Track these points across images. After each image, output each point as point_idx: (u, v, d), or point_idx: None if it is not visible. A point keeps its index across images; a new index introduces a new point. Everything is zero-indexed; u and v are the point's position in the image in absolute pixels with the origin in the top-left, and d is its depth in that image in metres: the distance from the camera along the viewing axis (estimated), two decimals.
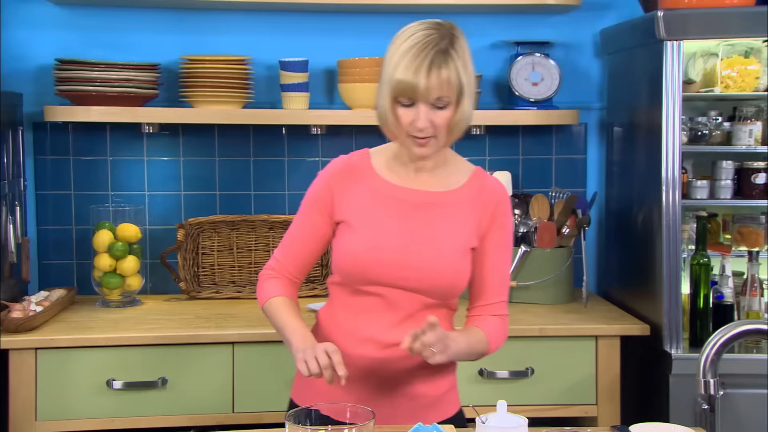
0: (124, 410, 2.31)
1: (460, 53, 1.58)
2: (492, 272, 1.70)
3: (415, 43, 1.57)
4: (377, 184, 1.68)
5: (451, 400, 1.76)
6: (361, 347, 1.67)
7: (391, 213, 1.66)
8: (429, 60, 1.55)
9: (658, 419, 2.35)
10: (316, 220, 1.72)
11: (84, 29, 2.78)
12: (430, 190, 1.68)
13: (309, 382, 1.72)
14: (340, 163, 1.73)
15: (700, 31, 2.39)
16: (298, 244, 1.74)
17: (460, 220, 1.67)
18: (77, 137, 2.80)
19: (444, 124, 1.59)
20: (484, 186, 1.70)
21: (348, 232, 1.67)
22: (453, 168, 1.71)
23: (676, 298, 2.40)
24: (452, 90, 1.57)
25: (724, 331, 1.16)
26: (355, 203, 1.68)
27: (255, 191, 2.88)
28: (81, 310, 2.58)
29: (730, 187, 2.55)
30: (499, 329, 1.72)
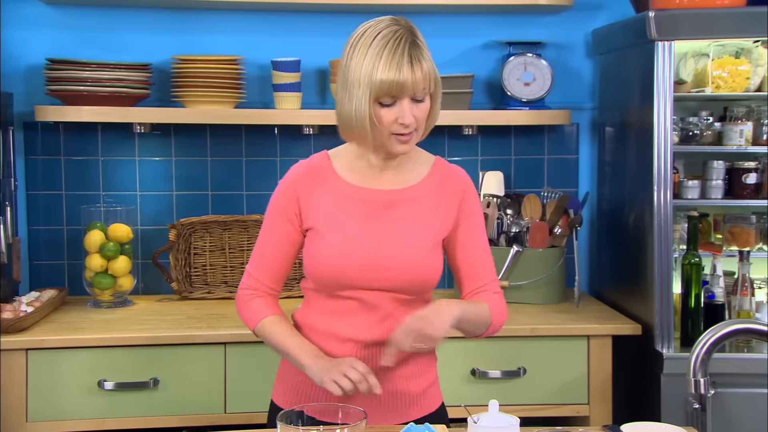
0: (116, 411, 2.31)
1: (425, 44, 1.59)
2: (475, 256, 1.70)
3: (386, 41, 1.56)
4: (340, 187, 1.67)
5: (433, 396, 1.76)
6: (342, 348, 1.66)
7: (356, 216, 1.65)
8: (407, 54, 1.55)
9: (650, 419, 2.35)
10: (285, 228, 1.69)
11: (75, 29, 2.77)
12: (393, 188, 1.67)
13: (290, 383, 1.73)
14: (302, 167, 1.71)
15: (691, 32, 2.39)
16: (270, 256, 1.71)
17: (426, 213, 1.67)
18: (68, 137, 2.79)
19: (424, 116, 1.60)
20: (447, 176, 1.71)
21: (316, 239, 1.66)
22: (415, 162, 1.71)
23: (668, 297, 2.40)
24: (430, 81, 1.57)
25: (714, 330, 1.17)
26: (320, 208, 1.67)
27: (247, 191, 2.87)
28: (72, 311, 2.57)
29: (721, 187, 2.56)
30: (499, 303, 1.71)
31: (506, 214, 2.75)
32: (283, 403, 1.74)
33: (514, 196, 2.82)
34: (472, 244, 1.70)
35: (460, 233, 1.69)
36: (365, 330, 1.66)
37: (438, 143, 2.85)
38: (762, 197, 2.55)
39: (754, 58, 2.51)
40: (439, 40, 2.88)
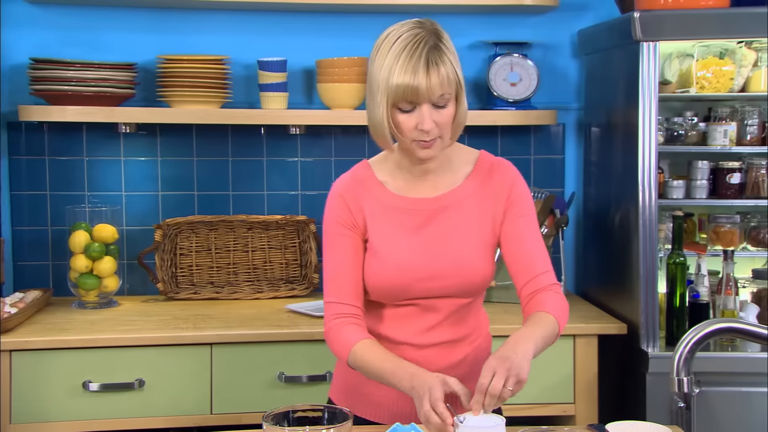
0: (101, 412, 2.29)
1: (449, 47, 1.55)
2: (524, 247, 1.63)
3: (405, 45, 1.52)
4: (386, 199, 1.64)
5: None
6: (397, 351, 1.65)
7: (408, 227, 1.62)
8: (425, 58, 1.50)
9: (635, 417, 2.36)
10: (347, 239, 1.64)
11: (59, 28, 2.75)
12: (438, 194, 1.64)
13: (347, 381, 1.71)
14: (346, 179, 1.68)
15: (675, 32, 2.41)
16: (343, 274, 1.63)
17: (475, 214, 1.63)
18: (53, 137, 2.77)
19: (447, 122, 1.55)
20: (492, 171, 1.66)
21: (371, 256, 1.63)
22: (456, 160, 1.67)
23: (653, 297, 2.42)
24: (452, 86, 1.53)
25: (697, 330, 1.18)
26: (371, 220, 1.64)
27: (233, 191, 2.86)
28: (57, 312, 2.56)
29: (706, 186, 2.58)
30: (558, 302, 1.62)
31: None
32: (338, 399, 1.73)
33: None
34: (521, 236, 1.63)
35: (507, 225, 1.64)
36: (420, 333, 1.65)
37: None
38: (746, 197, 2.57)
39: (737, 59, 2.52)
40: None
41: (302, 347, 2.35)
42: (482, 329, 1.76)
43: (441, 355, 1.66)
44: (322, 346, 2.34)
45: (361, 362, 1.60)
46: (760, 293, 2.56)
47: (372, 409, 1.70)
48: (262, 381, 2.35)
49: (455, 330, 1.68)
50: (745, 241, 2.62)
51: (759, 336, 1.20)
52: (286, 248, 2.85)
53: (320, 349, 2.35)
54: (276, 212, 2.86)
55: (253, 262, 2.83)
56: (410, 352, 1.66)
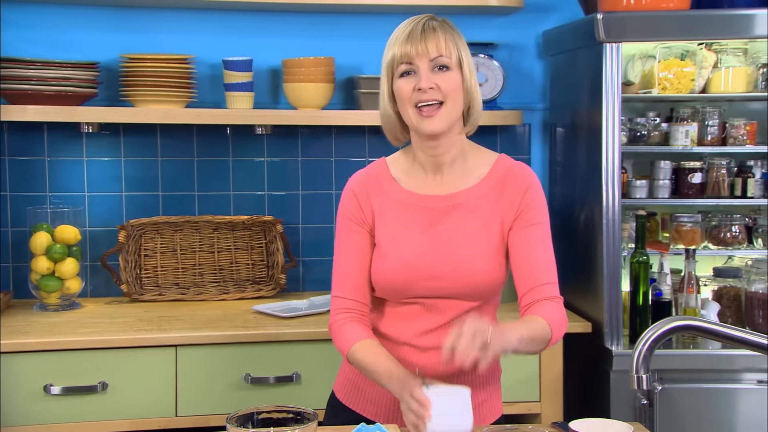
0: (63, 416, 2.26)
1: (454, 28, 1.59)
2: (531, 255, 1.59)
3: (406, 23, 1.59)
4: (399, 195, 1.63)
5: (491, 408, 1.70)
6: (398, 352, 1.64)
7: (417, 224, 1.61)
8: (421, 26, 1.55)
9: (600, 415, 2.39)
10: (357, 235, 1.64)
11: (20, 26, 2.70)
12: (452, 192, 1.62)
13: (352, 379, 1.71)
14: (360, 175, 1.68)
15: (638, 34, 2.44)
16: (352, 269, 1.64)
17: (487, 216, 1.61)
18: (13, 137, 2.72)
19: (450, 88, 1.54)
20: (509, 174, 1.63)
21: (378, 252, 1.63)
22: (473, 160, 1.64)
23: (617, 295, 2.44)
24: (450, 52, 1.55)
25: (655, 328, 1.19)
26: (380, 216, 1.63)
27: (199, 192, 2.84)
28: (17, 314, 2.51)
29: (668, 186, 2.61)
30: (557, 313, 1.58)
31: None
32: (341, 394, 1.73)
33: None
34: (529, 244, 1.59)
35: (517, 231, 1.60)
36: (422, 334, 1.63)
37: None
38: (707, 196, 2.61)
39: (698, 60, 2.56)
40: None
41: (269, 348, 2.34)
42: None
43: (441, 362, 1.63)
44: (288, 347, 2.34)
45: (360, 362, 1.61)
46: (721, 291, 2.60)
47: (372, 406, 1.68)
48: (229, 383, 2.33)
49: None
50: (706, 239, 2.67)
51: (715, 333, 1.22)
52: (252, 249, 2.83)
53: (287, 350, 2.34)
54: (242, 213, 2.84)
55: (219, 263, 2.81)
56: (411, 354, 1.64)
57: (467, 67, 1.57)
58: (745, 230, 2.66)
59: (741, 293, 2.56)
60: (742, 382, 2.39)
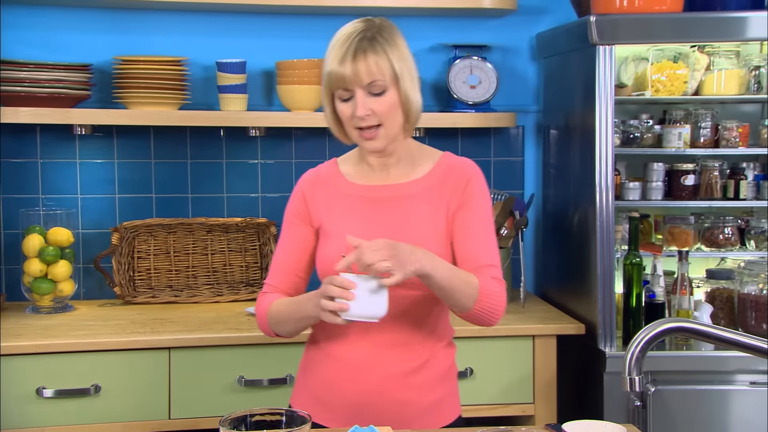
0: (56, 419, 2.25)
1: (388, 39, 1.59)
2: (472, 239, 1.63)
3: (341, 37, 1.60)
4: (347, 188, 1.69)
5: (449, 408, 1.71)
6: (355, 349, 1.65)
7: (361, 214, 1.66)
8: (354, 47, 1.57)
9: (593, 416, 2.39)
10: (298, 231, 1.71)
11: (12, 28, 2.69)
12: (398, 182, 1.68)
13: (306, 387, 1.72)
14: (310, 173, 1.76)
15: (631, 36, 2.45)
16: (285, 261, 1.72)
17: (431, 207, 1.65)
18: (5, 139, 2.71)
19: (386, 110, 1.59)
20: (452, 168, 1.69)
21: (323, 240, 1.68)
22: (418, 158, 1.71)
23: (610, 297, 2.45)
24: (384, 74, 1.57)
25: (647, 329, 1.19)
26: (326, 208, 1.69)
27: (192, 194, 2.84)
28: (10, 317, 2.50)
29: (661, 188, 2.62)
30: (494, 285, 1.60)
31: None
32: (298, 406, 1.73)
33: None
34: (470, 228, 1.64)
35: (459, 219, 1.65)
36: (378, 331, 1.63)
37: None
38: (700, 198, 2.62)
39: (691, 63, 2.57)
40: None
41: (262, 351, 2.34)
42: (443, 334, 1.73)
43: (395, 357, 1.65)
44: (282, 350, 2.34)
45: (277, 316, 1.67)
46: (714, 293, 2.61)
47: (329, 414, 1.69)
48: (222, 385, 2.33)
49: (407, 329, 1.66)
50: (699, 241, 2.67)
51: (707, 335, 1.22)
52: (246, 251, 2.83)
53: (281, 352, 2.34)
54: (236, 215, 2.83)
55: (213, 265, 2.80)
56: (363, 350, 1.64)
57: (404, 78, 1.59)
58: (737, 232, 2.66)
59: (734, 295, 2.56)
60: (735, 384, 2.40)
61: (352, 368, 1.65)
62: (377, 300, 1.51)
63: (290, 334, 1.71)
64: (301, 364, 1.77)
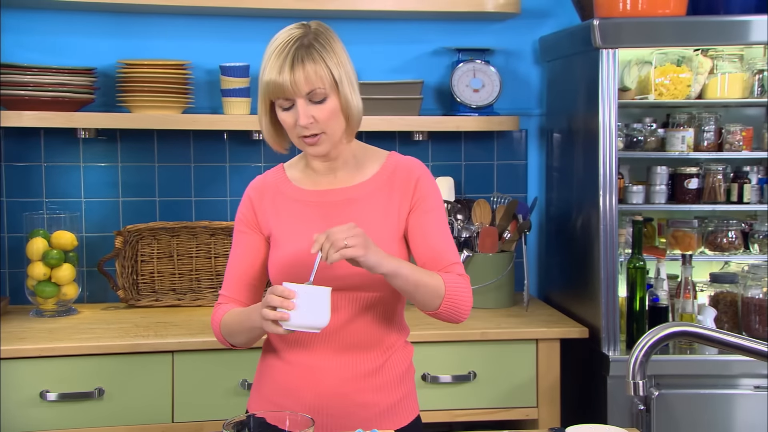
0: (59, 422, 2.25)
1: (325, 46, 1.58)
2: (432, 240, 1.65)
3: (277, 45, 1.59)
4: (293, 193, 1.69)
5: (407, 408, 1.72)
6: (313, 356, 1.65)
7: (311, 218, 1.66)
8: (291, 56, 1.56)
9: (597, 420, 2.39)
10: (248, 239, 1.71)
11: (16, 32, 2.70)
12: (346, 186, 1.68)
13: (262, 392, 1.71)
14: (257, 181, 1.75)
15: (634, 40, 2.45)
16: (236, 270, 1.72)
17: (381, 208, 1.66)
18: (9, 142, 2.72)
19: (327, 117, 1.58)
20: (399, 168, 1.69)
21: (274, 247, 1.68)
22: (364, 160, 1.71)
23: (614, 301, 2.44)
24: (323, 81, 1.56)
25: (651, 334, 1.19)
26: (275, 215, 1.68)
27: (196, 197, 2.84)
28: (13, 320, 2.51)
29: (665, 192, 2.62)
30: (459, 282, 1.62)
31: (456, 219, 2.77)
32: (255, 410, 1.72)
33: (465, 201, 2.84)
34: (428, 228, 1.66)
35: (414, 219, 1.66)
36: (334, 334, 1.63)
37: (389, 148, 2.83)
38: (703, 202, 2.62)
39: (694, 66, 2.57)
40: (389, 46, 2.90)
41: None
42: (400, 334, 1.73)
43: (354, 359, 1.65)
44: None
45: (228, 327, 1.67)
46: (717, 297, 2.60)
47: None
48: (225, 389, 2.33)
49: (365, 331, 1.65)
50: (703, 245, 2.67)
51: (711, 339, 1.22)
52: None
53: None
54: None
55: (216, 269, 2.80)
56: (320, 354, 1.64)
57: (343, 83, 1.59)
58: (741, 236, 2.66)
59: (737, 299, 2.56)
60: (739, 388, 2.39)
61: (309, 372, 1.65)
62: (319, 309, 1.50)
63: (245, 345, 1.71)
64: (258, 369, 1.76)
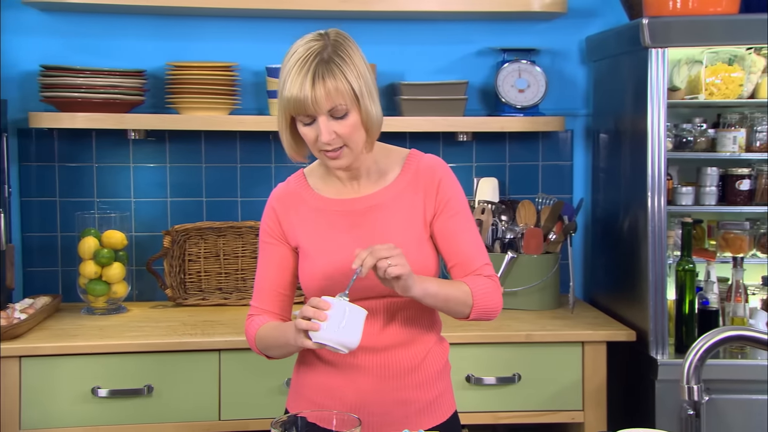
0: (109, 418, 2.30)
1: (345, 58, 1.56)
2: (460, 243, 1.65)
3: (298, 59, 1.55)
4: (317, 203, 1.68)
5: (445, 404, 1.73)
6: (348, 355, 1.65)
7: (338, 228, 1.65)
8: (311, 73, 1.52)
9: (644, 425, 2.36)
10: (275, 250, 1.70)
11: (69, 35, 2.77)
12: (368, 193, 1.67)
13: (301, 392, 1.72)
14: (279, 189, 1.74)
15: (684, 39, 2.41)
16: (266, 281, 1.72)
17: (406, 212, 1.65)
18: (62, 144, 2.78)
19: (349, 132, 1.56)
20: (420, 169, 1.68)
21: (304, 259, 1.68)
22: (385, 163, 1.69)
23: (662, 303, 2.41)
24: (344, 97, 1.54)
25: (707, 337, 1.17)
26: (301, 226, 1.68)
27: (241, 198, 2.87)
28: (66, 318, 2.57)
29: (715, 193, 2.57)
30: (488, 286, 1.64)
31: (501, 220, 2.76)
32: (293, 409, 1.73)
33: (509, 202, 2.82)
34: (456, 232, 1.66)
35: (441, 223, 1.66)
36: (369, 337, 1.63)
37: (433, 149, 2.85)
38: (755, 203, 2.57)
39: (747, 65, 2.52)
40: (434, 47, 2.90)
41: None
42: (434, 332, 1.73)
43: (393, 357, 1.65)
44: None
45: (263, 341, 1.68)
46: None
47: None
48: (271, 387, 2.35)
49: (403, 329, 1.66)
50: (754, 247, 2.61)
51: None
52: None
53: None
54: None
55: None
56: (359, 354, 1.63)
57: (363, 96, 1.56)
58: None
59: None
60: None
61: (350, 372, 1.65)
62: (351, 328, 1.48)
63: (281, 357, 1.71)
64: (296, 369, 1.76)
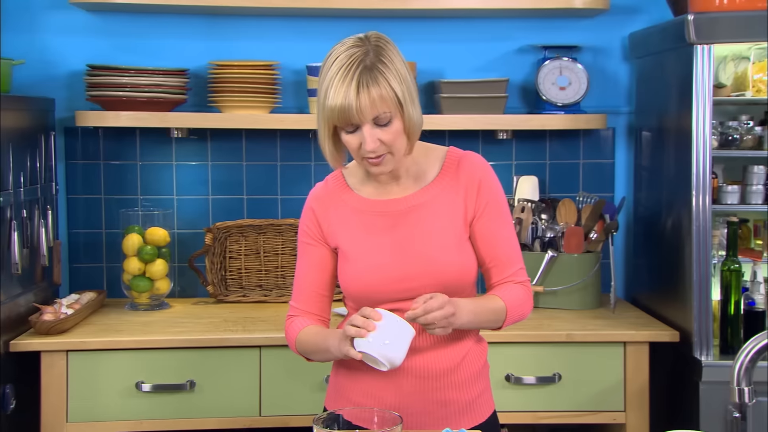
0: (153, 413, 2.33)
1: (387, 64, 1.53)
2: (497, 247, 1.66)
3: (339, 67, 1.52)
4: (357, 204, 1.67)
5: (484, 404, 1.73)
6: None
7: (378, 230, 1.65)
8: (356, 81, 1.50)
9: (688, 427, 2.32)
10: (314, 251, 1.70)
11: (114, 35, 2.81)
12: (408, 194, 1.66)
13: (341, 392, 1.73)
14: (318, 189, 1.73)
15: (731, 35, 2.36)
16: (305, 282, 1.71)
17: (446, 212, 1.64)
18: (107, 142, 2.83)
19: (393, 139, 1.55)
20: (461, 168, 1.66)
21: (344, 261, 1.67)
22: (425, 162, 1.68)
23: (707, 304, 2.37)
24: (388, 104, 1.52)
25: (760, 338, 1.15)
26: (341, 227, 1.67)
27: (282, 195, 2.89)
28: (110, 313, 2.61)
29: (762, 192, 2.52)
30: (521, 296, 1.66)
31: (541, 218, 2.73)
32: (331, 407, 1.74)
33: (549, 200, 2.80)
34: (495, 235, 1.66)
35: (481, 225, 1.65)
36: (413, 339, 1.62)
37: (473, 147, 2.84)
38: None
39: None
40: (474, 44, 2.89)
41: None
42: (472, 332, 1.72)
43: (432, 358, 1.65)
44: None
45: (304, 345, 1.68)
46: None
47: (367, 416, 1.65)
48: (311, 383, 2.37)
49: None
50: None
51: None
52: None
53: None
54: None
55: None
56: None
57: (406, 102, 1.55)
58: None
59: None
60: None
61: (390, 372, 1.63)
62: (397, 343, 1.49)
63: (322, 361, 1.73)
64: (334, 368, 1.76)
